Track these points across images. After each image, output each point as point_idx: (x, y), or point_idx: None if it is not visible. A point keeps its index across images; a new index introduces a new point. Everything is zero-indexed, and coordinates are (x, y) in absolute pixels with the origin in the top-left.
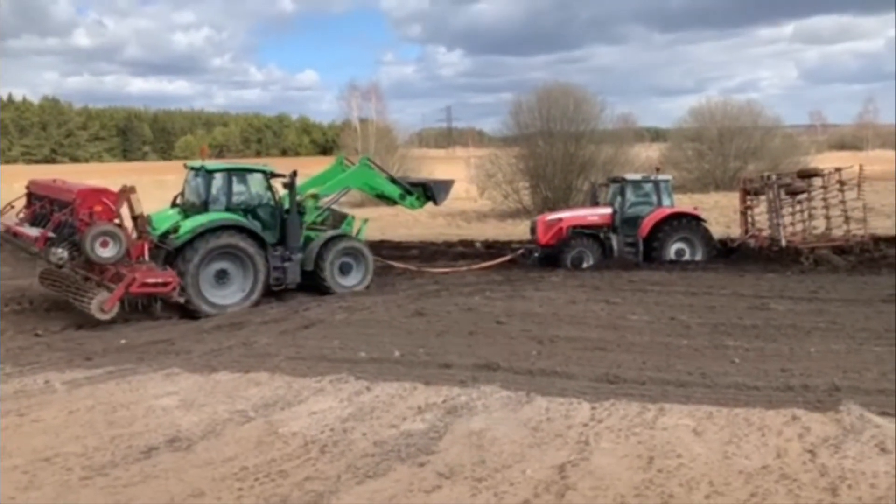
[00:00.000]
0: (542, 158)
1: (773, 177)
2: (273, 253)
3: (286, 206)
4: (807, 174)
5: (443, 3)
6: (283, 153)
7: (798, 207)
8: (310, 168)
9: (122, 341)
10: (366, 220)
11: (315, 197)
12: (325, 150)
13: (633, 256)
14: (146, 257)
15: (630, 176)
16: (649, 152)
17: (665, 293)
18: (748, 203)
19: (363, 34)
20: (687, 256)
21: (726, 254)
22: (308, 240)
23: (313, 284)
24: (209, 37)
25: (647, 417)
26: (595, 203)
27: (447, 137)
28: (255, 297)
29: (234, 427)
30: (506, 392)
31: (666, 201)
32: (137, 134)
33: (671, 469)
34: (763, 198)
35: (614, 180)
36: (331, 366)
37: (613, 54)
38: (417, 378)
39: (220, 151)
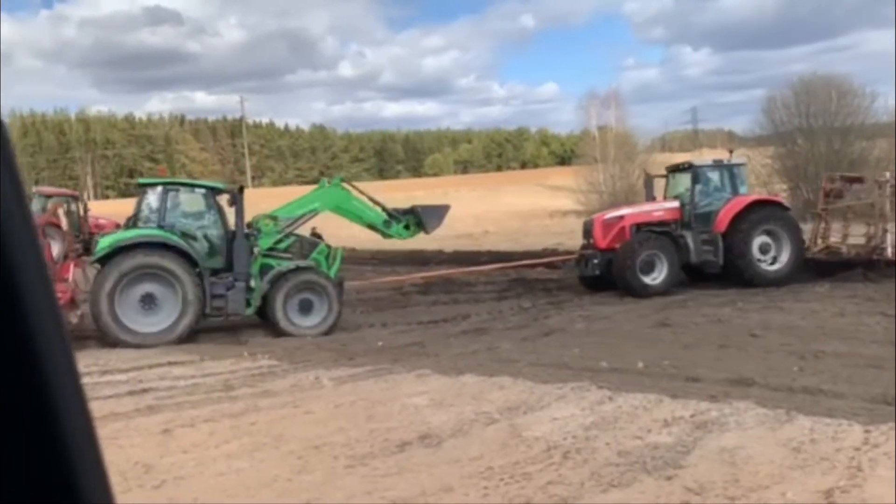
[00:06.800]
0: (801, 157)
1: (888, 174)
2: (216, 278)
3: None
4: None
5: (688, 2)
6: (523, 165)
7: None
8: (548, 178)
9: (380, 343)
10: (341, 250)
11: (274, 219)
12: (563, 161)
13: (711, 256)
14: (70, 277)
15: (699, 162)
16: None
17: None
18: (826, 206)
19: (604, 42)
20: (772, 252)
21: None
22: (267, 268)
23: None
24: (456, 59)
25: None
26: (652, 198)
27: (693, 140)
28: (184, 325)
29: (479, 428)
30: (762, 409)
31: (741, 189)
32: (391, 154)
33: None
34: (840, 202)
35: (677, 168)
36: (572, 374)
37: (885, 39)
38: (663, 391)
39: (464, 167)
